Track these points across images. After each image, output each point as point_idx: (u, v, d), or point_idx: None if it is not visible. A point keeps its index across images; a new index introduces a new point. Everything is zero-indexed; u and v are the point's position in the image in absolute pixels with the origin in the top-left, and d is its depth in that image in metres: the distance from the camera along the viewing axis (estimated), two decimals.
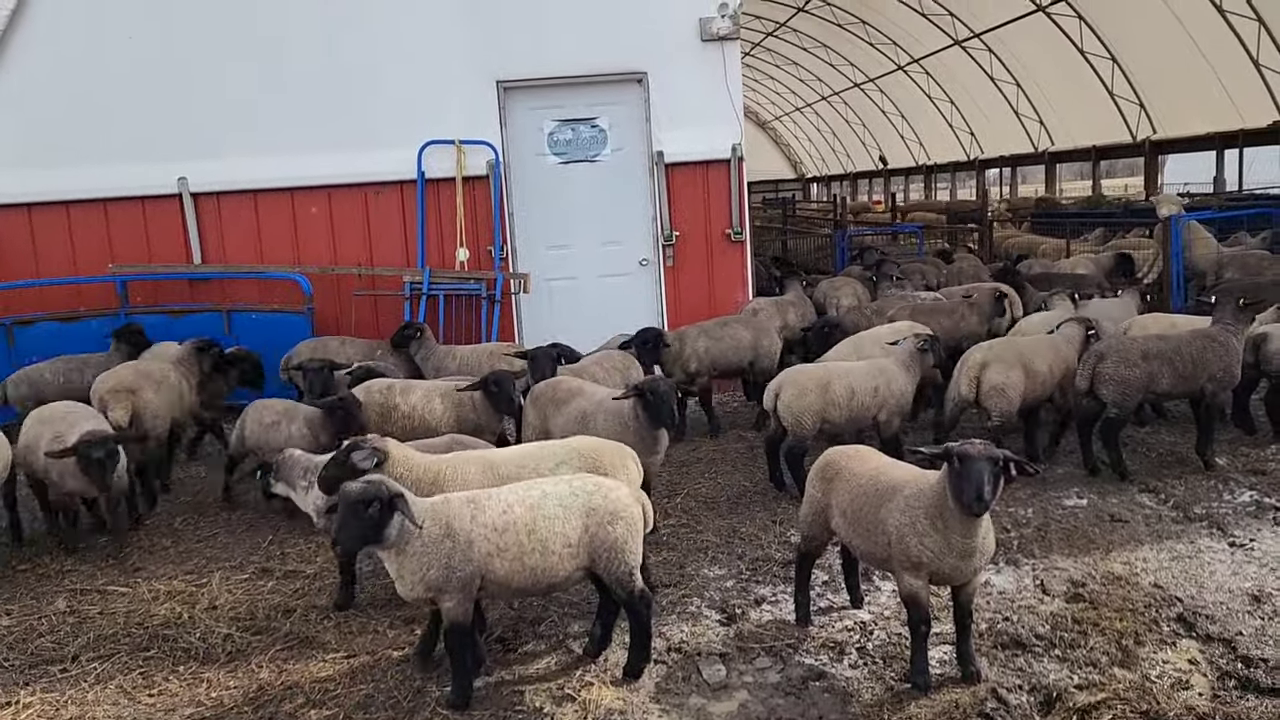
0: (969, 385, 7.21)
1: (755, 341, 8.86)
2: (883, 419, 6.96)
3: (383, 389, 6.86)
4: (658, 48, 10.10)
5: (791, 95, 44.68)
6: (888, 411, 6.94)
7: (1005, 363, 7.19)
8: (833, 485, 4.81)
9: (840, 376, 6.93)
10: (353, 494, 4.09)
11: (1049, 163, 29.45)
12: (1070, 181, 39.74)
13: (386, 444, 4.86)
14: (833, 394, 6.83)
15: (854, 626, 5.02)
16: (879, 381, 6.92)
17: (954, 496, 4.10)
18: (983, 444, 4.13)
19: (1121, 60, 23.68)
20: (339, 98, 10.00)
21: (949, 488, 4.13)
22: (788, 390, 6.87)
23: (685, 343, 8.68)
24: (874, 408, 6.92)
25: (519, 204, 10.35)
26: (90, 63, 9.82)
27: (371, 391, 6.83)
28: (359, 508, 4.05)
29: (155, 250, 10.10)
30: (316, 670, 4.78)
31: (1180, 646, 4.66)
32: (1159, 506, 6.50)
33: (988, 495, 4.02)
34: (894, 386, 6.95)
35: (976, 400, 7.22)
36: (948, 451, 4.12)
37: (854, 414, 6.91)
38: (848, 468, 4.80)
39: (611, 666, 4.67)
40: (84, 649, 5.08)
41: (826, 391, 6.83)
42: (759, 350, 8.86)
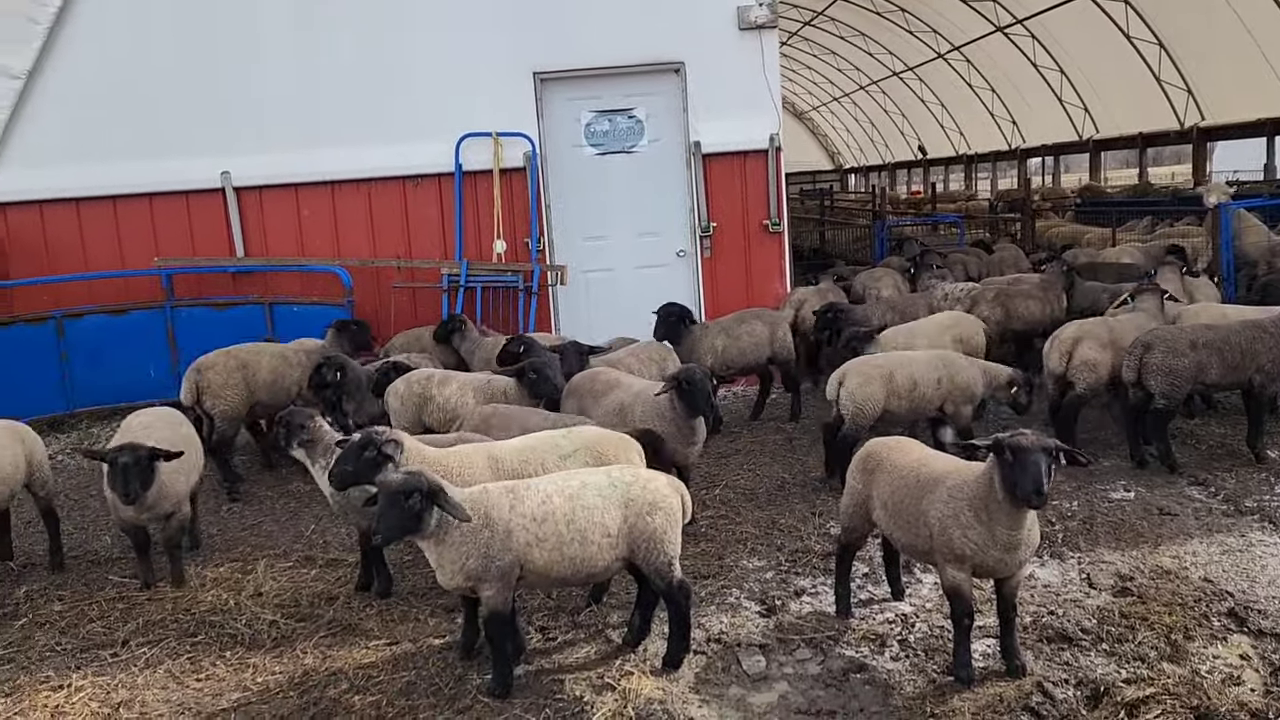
0: (1060, 360, 7.34)
1: (771, 336, 8.77)
2: (949, 410, 6.94)
3: (421, 380, 6.90)
4: (695, 37, 10.05)
5: (829, 85, 44.26)
6: (954, 402, 6.92)
7: (1096, 339, 7.30)
8: (874, 477, 4.77)
9: (903, 366, 6.92)
10: (394, 485, 4.11)
11: (1094, 151, 28.93)
12: (1115, 170, 39.07)
13: (401, 435, 4.88)
14: (896, 384, 6.83)
15: (895, 619, 4.97)
16: (942, 373, 6.90)
17: (1007, 489, 4.03)
18: (1034, 434, 4.06)
19: (1169, 46, 23.18)
20: (378, 91, 10.07)
21: (1000, 480, 4.06)
22: (852, 379, 6.87)
23: (704, 339, 8.60)
24: (937, 399, 6.90)
25: (556, 195, 10.36)
26: (135, 59, 9.97)
27: (411, 383, 6.88)
28: (399, 498, 4.08)
29: (199, 244, 10.24)
30: (360, 657, 4.83)
31: (1231, 642, 4.57)
32: (1209, 499, 6.37)
33: (1045, 487, 3.96)
34: (959, 378, 6.91)
35: (1065, 374, 7.29)
36: (998, 443, 4.05)
37: (915, 404, 6.89)
38: (889, 459, 4.75)
39: (651, 656, 4.67)
40: (133, 634, 5.17)
41: (890, 381, 6.83)
42: (775, 344, 8.78)
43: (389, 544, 4.24)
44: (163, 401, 9.39)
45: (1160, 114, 24.64)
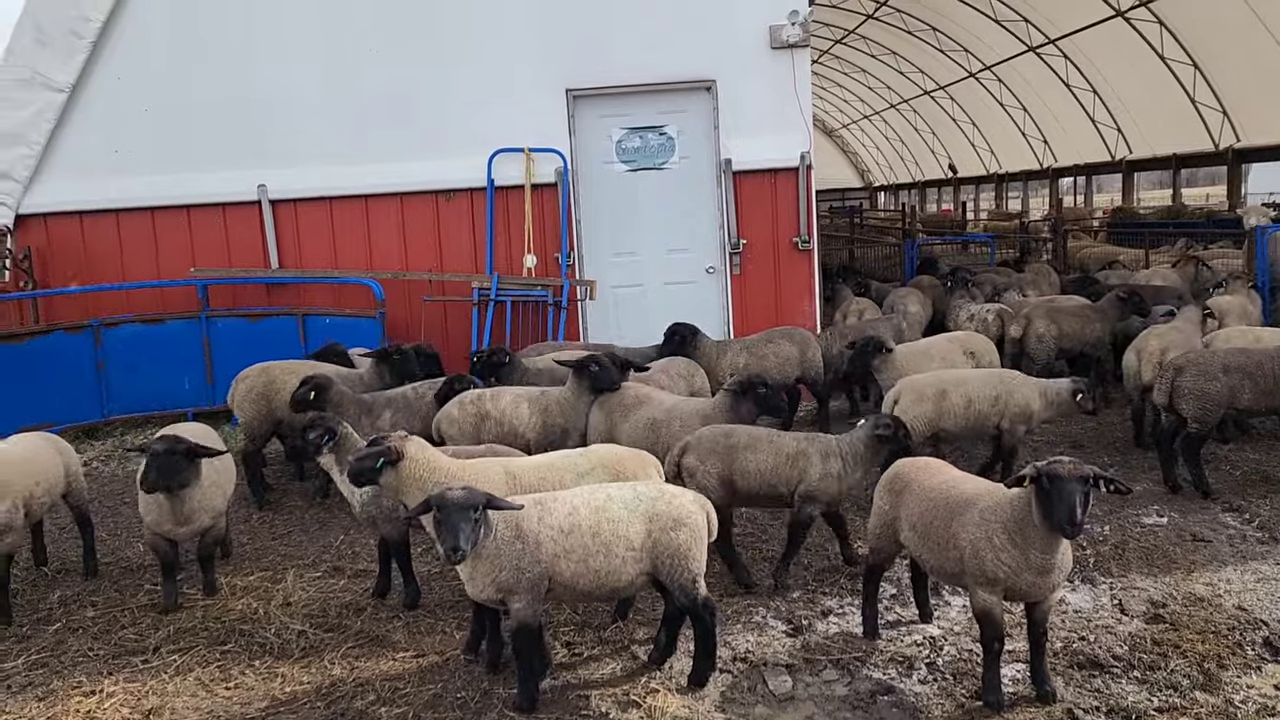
0: (1151, 370, 7.53)
1: (801, 356, 8.73)
2: (1005, 427, 6.95)
3: (474, 398, 6.84)
4: (727, 55, 10.09)
5: (859, 103, 44.26)
6: (1010, 419, 6.93)
7: (1181, 349, 7.48)
8: (901, 498, 4.75)
9: (958, 385, 6.98)
10: (457, 500, 4.09)
11: (1126, 171, 28.71)
12: (1148, 190, 38.70)
13: (407, 442, 4.87)
14: (950, 402, 6.89)
15: (923, 641, 4.94)
16: (999, 390, 6.93)
17: (1044, 516, 4.02)
18: (1072, 462, 4.04)
19: (1204, 66, 23.00)
20: (411, 106, 10.20)
21: (1036, 507, 4.04)
22: (906, 396, 6.92)
23: (724, 356, 8.54)
24: (994, 416, 6.94)
25: (586, 211, 10.42)
26: (175, 74, 10.15)
27: (464, 405, 6.80)
28: (467, 513, 4.06)
29: (235, 255, 10.39)
30: (387, 668, 4.86)
31: (1266, 671, 4.50)
32: (1243, 526, 6.28)
33: (1080, 516, 3.94)
34: (1016, 397, 6.92)
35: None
36: (1037, 471, 4.04)
37: (971, 423, 6.95)
38: (917, 480, 4.73)
39: (676, 674, 4.67)
40: (164, 641, 5.23)
41: (943, 399, 6.89)
42: (805, 364, 8.74)
43: (459, 562, 4.18)
44: (196, 412, 9.58)
45: (1195, 135, 24.43)
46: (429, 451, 4.95)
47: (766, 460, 5.57)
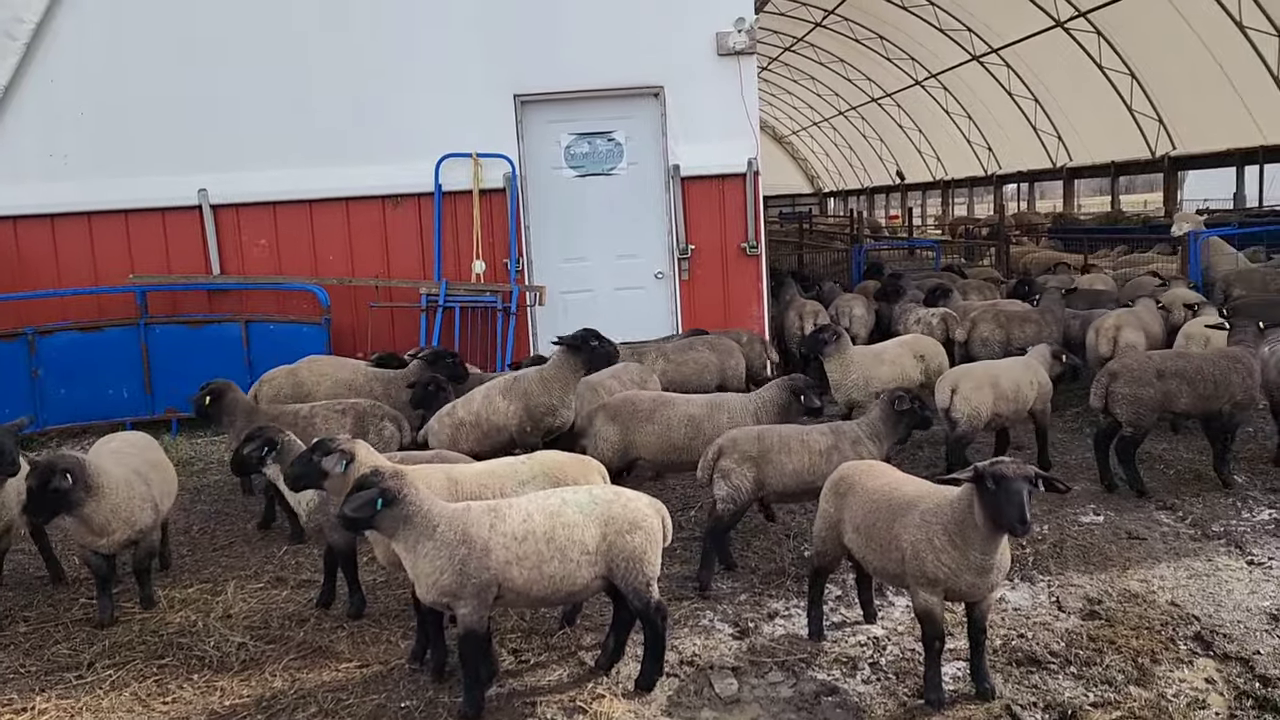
0: (1107, 345, 8.57)
1: (721, 365, 8.57)
2: (1039, 408, 7.48)
3: (446, 412, 6.76)
4: (674, 62, 10.15)
5: (809, 110, 44.76)
6: (1043, 401, 7.48)
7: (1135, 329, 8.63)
8: (845, 500, 4.80)
9: (1006, 372, 7.40)
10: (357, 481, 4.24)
11: (1067, 178, 29.36)
12: (1089, 197, 39.60)
13: (355, 446, 4.87)
14: (1001, 389, 7.26)
15: (867, 641, 4.99)
16: (1033, 376, 7.46)
17: (989, 517, 4.06)
18: (1014, 462, 4.11)
19: (1141, 76, 23.63)
20: (357, 111, 10.10)
21: (980, 507, 4.09)
22: (965, 384, 7.21)
23: (641, 363, 8.19)
24: (1033, 400, 7.42)
25: (535, 217, 10.40)
26: (112, 76, 9.96)
27: (441, 420, 6.71)
28: (353, 493, 4.20)
29: (175, 261, 10.20)
30: (330, 679, 4.79)
31: (1197, 665, 4.62)
32: (1177, 524, 6.44)
33: (1028, 515, 4.00)
34: (1043, 377, 7.51)
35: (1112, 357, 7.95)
36: (979, 472, 4.09)
37: (1019, 407, 7.38)
38: (860, 482, 4.79)
39: (623, 679, 4.67)
40: (99, 656, 5.10)
41: (997, 386, 7.24)
42: (725, 372, 8.58)
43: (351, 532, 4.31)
44: (136, 421, 9.38)
45: (1132, 143, 25.07)
46: (376, 456, 4.94)
47: (802, 460, 5.64)
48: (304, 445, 5.44)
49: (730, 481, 5.64)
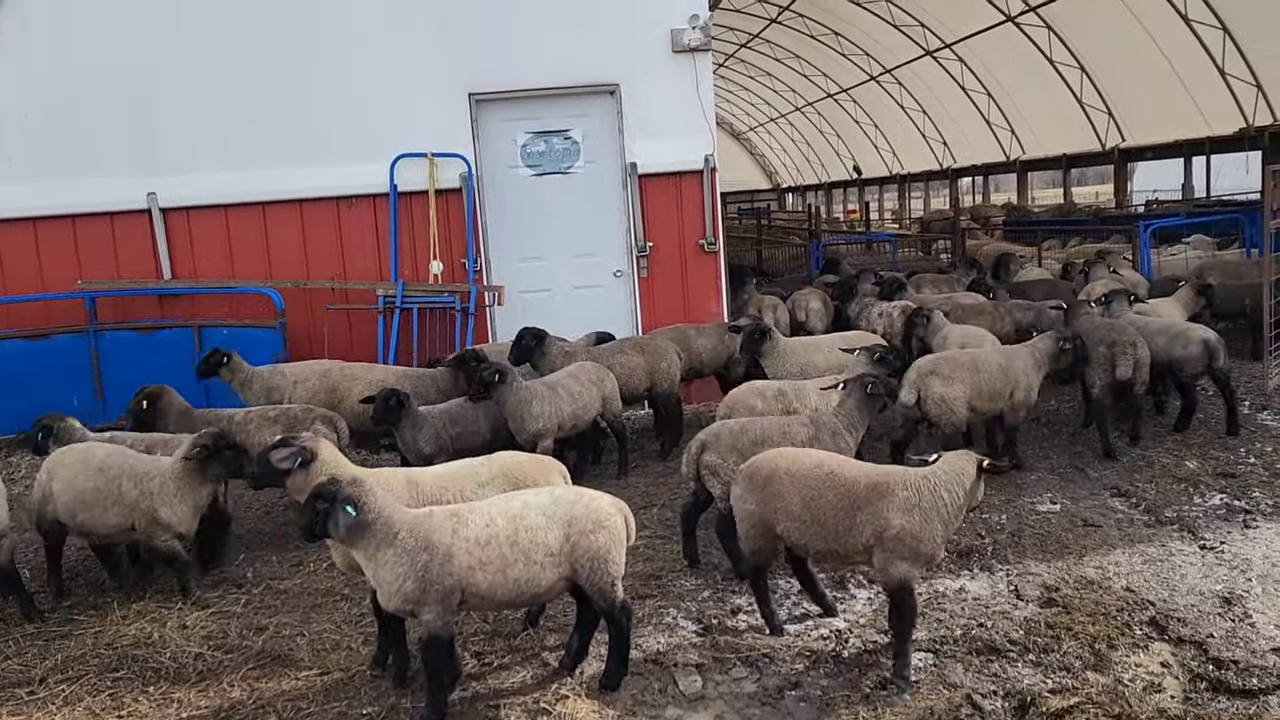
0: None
1: (651, 368, 8.38)
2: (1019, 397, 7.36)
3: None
4: (630, 59, 10.12)
5: (766, 106, 44.94)
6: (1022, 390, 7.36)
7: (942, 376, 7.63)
8: (770, 490, 4.80)
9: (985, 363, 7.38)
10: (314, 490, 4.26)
11: (1020, 171, 29.75)
12: (1042, 189, 40.15)
13: (318, 444, 4.85)
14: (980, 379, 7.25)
15: (829, 635, 5.02)
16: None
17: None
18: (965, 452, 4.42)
19: (1090, 69, 23.99)
20: (310, 111, 9.96)
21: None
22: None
23: (570, 364, 7.94)
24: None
25: (492, 216, 10.33)
26: (57, 77, 9.73)
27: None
28: (311, 500, 4.21)
29: (124, 266, 10.00)
30: (289, 688, 4.73)
31: (1152, 650, 4.69)
32: (1130, 510, 6.55)
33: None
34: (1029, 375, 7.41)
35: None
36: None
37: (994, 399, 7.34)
38: (785, 469, 4.80)
39: (588, 679, 4.65)
40: (51, 671, 5.00)
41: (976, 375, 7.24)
42: (656, 375, 8.40)
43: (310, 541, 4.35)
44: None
45: (1083, 135, 25.46)
46: (340, 457, 4.89)
47: None
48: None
49: (720, 477, 5.67)
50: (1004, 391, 7.26)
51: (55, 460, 5.85)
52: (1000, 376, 7.25)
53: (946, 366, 7.21)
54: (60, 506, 5.71)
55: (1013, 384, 7.28)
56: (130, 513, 5.64)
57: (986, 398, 7.21)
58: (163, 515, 5.61)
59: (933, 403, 7.07)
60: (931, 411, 7.11)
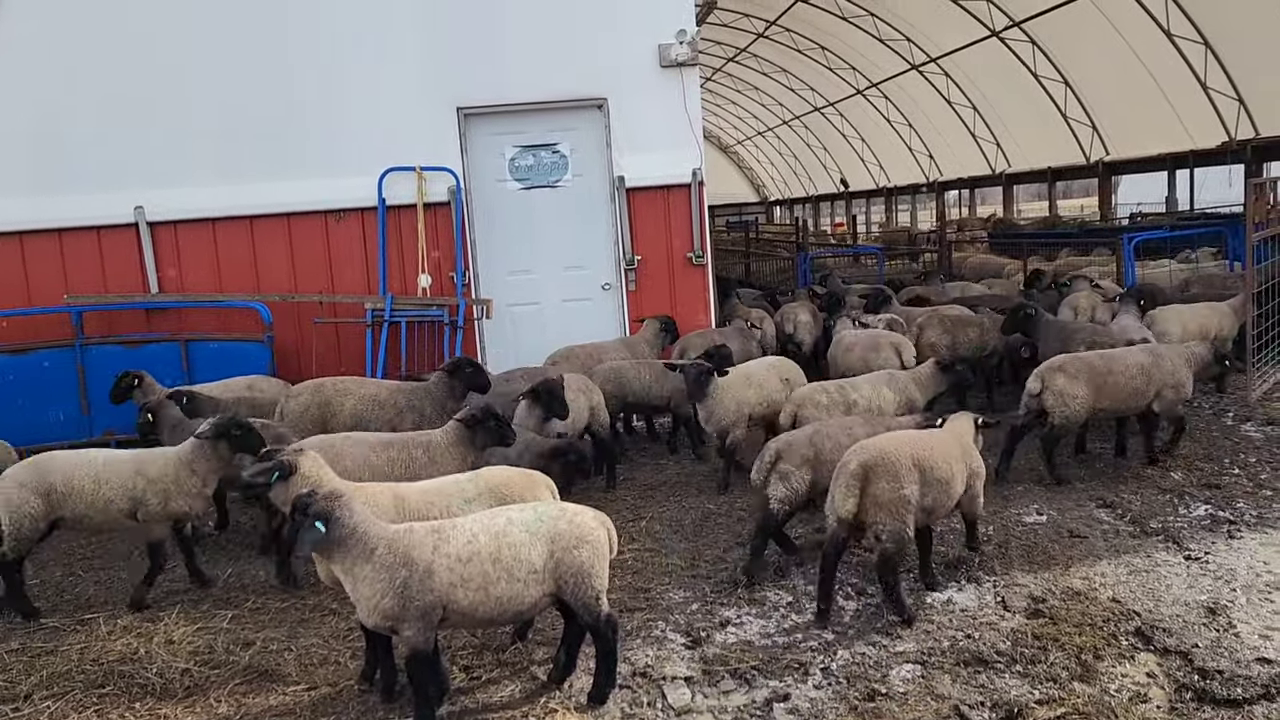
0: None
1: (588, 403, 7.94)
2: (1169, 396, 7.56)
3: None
4: (617, 74, 10.19)
5: (753, 119, 45.14)
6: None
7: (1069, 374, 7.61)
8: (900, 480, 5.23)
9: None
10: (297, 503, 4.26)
11: (1006, 184, 29.94)
12: (1027, 202, 40.40)
13: (299, 458, 4.83)
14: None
15: (818, 646, 5.03)
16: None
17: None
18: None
19: (1074, 83, 24.19)
20: (298, 125, 9.98)
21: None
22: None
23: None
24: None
25: (481, 230, 10.35)
26: (44, 91, 9.72)
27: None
28: (294, 514, 4.21)
29: (111, 280, 9.97)
30: (277, 703, 4.71)
31: (1138, 660, 4.72)
32: (1116, 521, 6.59)
33: None
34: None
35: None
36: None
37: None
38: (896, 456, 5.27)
39: (576, 693, 4.65)
40: (36, 687, 4.96)
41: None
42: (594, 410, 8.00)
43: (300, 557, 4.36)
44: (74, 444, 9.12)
45: (1067, 149, 25.65)
46: (323, 470, 4.88)
47: None
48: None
49: (789, 484, 5.91)
50: (1146, 392, 7.41)
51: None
52: (1140, 377, 7.41)
53: (1073, 365, 7.42)
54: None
55: (1157, 386, 7.45)
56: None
57: (1115, 398, 7.37)
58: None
59: (1052, 395, 7.31)
60: (1049, 403, 7.33)
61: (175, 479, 5.88)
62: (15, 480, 5.78)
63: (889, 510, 5.17)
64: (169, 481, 5.87)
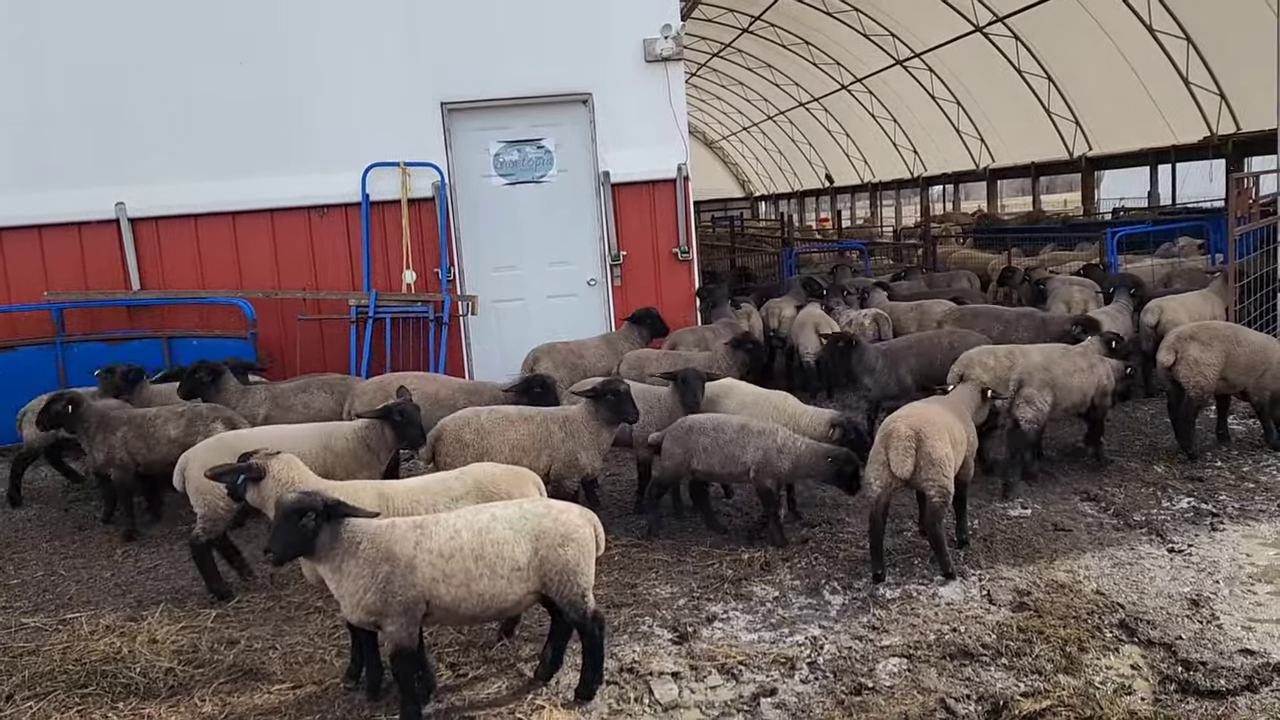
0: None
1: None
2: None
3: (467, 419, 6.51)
4: (602, 69, 10.17)
5: (738, 115, 45.17)
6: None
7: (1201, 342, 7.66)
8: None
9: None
10: (289, 504, 4.11)
11: (990, 179, 30.08)
12: (1011, 197, 40.60)
13: (270, 462, 4.79)
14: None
15: (804, 641, 5.03)
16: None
17: None
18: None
19: (1057, 79, 24.31)
20: (281, 120, 9.92)
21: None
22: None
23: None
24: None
25: (466, 225, 10.32)
26: (21, 86, 9.63)
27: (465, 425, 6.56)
28: (294, 517, 4.07)
29: (92, 277, 9.89)
30: (262, 702, 4.68)
31: (1123, 652, 4.74)
32: (1100, 514, 6.62)
33: None
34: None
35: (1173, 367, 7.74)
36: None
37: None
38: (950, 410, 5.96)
39: (563, 689, 4.64)
40: (18, 688, 4.91)
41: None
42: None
43: (280, 563, 4.24)
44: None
45: (1051, 144, 25.78)
46: (296, 470, 4.83)
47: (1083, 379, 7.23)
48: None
49: (1035, 405, 6.94)
50: (1259, 368, 7.51)
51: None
52: (1261, 353, 7.51)
53: (1206, 333, 7.56)
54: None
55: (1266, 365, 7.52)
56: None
57: (1241, 370, 7.48)
58: None
59: (1185, 365, 7.46)
60: (1181, 373, 7.48)
61: (354, 454, 5.95)
62: (201, 461, 5.69)
63: (939, 467, 5.61)
64: (350, 457, 5.94)
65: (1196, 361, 7.48)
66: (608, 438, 6.40)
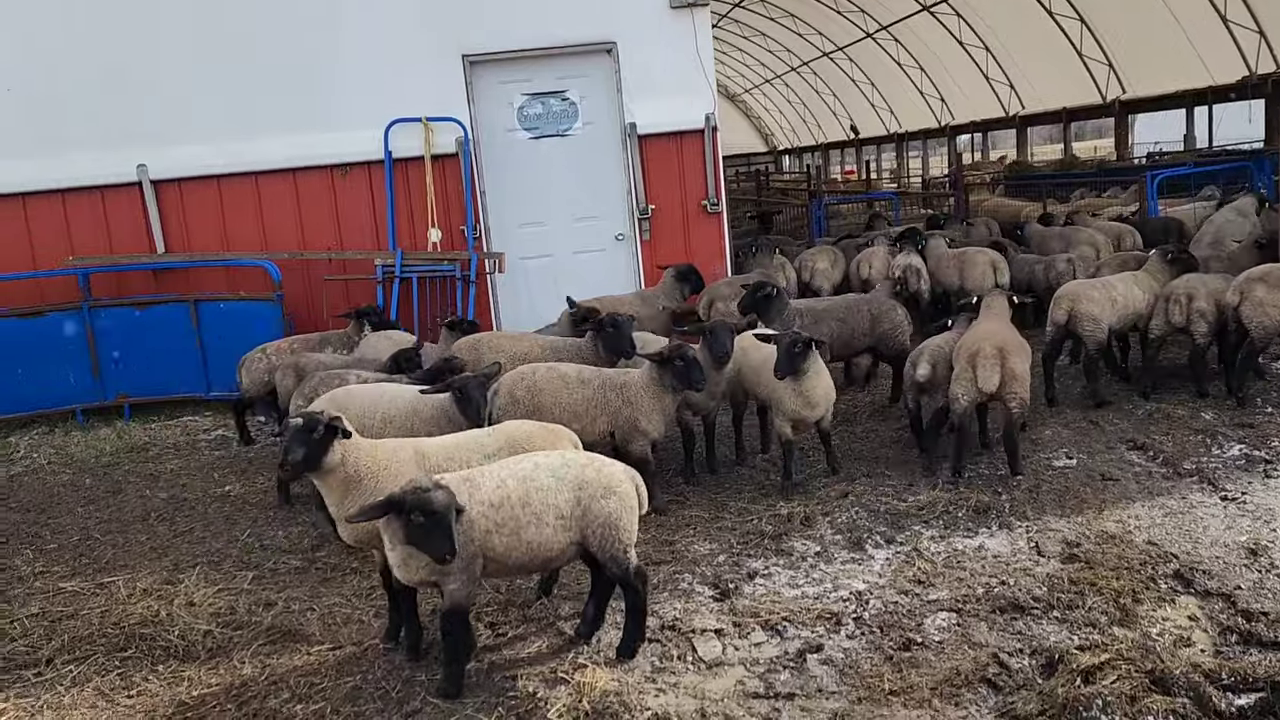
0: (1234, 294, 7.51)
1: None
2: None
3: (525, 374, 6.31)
4: (626, 16, 9.91)
5: (761, 67, 44.38)
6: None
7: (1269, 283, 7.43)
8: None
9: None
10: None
11: (1020, 126, 29.41)
12: (1039, 145, 39.77)
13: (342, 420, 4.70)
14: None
15: (849, 597, 4.93)
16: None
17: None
18: None
19: (1089, 20, 23.61)
20: (302, 77, 9.76)
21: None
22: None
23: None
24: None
25: (490, 181, 10.15)
26: (42, 50, 9.52)
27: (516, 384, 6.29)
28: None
29: (116, 241, 9.84)
30: (301, 664, 4.64)
31: (1179, 603, 4.61)
32: (1148, 463, 6.45)
33: None
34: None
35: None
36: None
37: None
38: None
39: (604, 648, 4.57)
40: (58, 652, 4.91)
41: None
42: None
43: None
44: (85, 408, 9.05)
45: (1083, 88, 25.12)
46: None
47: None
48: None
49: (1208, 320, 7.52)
50: None
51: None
52: None
53: (1274, 276, 7.39)
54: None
55: None
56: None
57: None
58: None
59: (1250, 305, 7.34)
60: (1245, 313, 7.37)
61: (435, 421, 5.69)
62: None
63: (1021, 381, 6.20)
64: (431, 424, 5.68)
65: (1262, 302, 7.32)
66: (671, 403, 6.15)
